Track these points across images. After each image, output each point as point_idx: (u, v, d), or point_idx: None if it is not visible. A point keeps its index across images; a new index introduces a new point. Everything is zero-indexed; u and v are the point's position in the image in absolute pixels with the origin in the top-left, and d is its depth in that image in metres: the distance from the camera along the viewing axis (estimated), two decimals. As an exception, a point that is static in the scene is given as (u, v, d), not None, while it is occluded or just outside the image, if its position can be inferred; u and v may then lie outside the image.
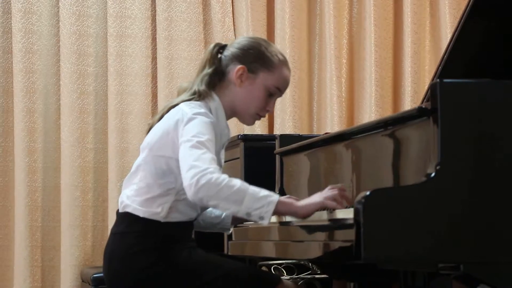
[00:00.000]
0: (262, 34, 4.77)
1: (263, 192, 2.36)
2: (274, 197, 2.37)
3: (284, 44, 4.77)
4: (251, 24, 4.75)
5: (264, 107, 2.61)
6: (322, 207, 2.43)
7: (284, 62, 2.62)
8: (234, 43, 2.65)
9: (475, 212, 2.12)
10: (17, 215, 4.56)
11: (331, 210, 2.42)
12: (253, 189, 2.36)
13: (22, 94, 4.57)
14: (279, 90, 2.61)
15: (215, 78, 2.60)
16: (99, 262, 2.64)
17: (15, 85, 4.58)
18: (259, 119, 2.65)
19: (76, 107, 4.61)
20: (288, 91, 4.73)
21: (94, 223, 4.63)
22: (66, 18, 4.62)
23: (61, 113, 4.62)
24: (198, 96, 2.57)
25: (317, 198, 2.43)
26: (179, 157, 2.43)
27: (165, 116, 2.56)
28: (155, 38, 4.73)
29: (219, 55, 2.61)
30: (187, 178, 2.35)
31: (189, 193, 2.36)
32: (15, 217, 4.57)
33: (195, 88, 2.58)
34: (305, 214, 2.42)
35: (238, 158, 3.60)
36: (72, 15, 4.63)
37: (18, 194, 4.56)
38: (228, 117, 2.62)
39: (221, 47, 2.64)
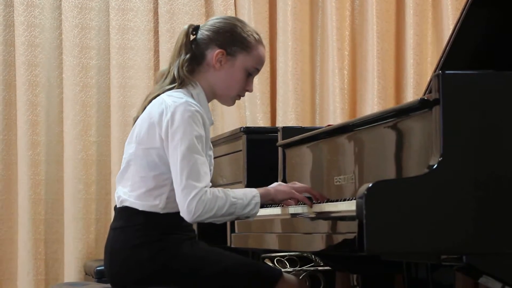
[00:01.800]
0: (264, 26, 4.77)
1: (248, 196, 2.50)
2: (257, 196, 2.51)
3: (286, 36, 4.76)
4: (253, 16, 4.74)
5: (244, 88, 2.63)
6: (291, 195, 2.58)
7: (259, 41, 2.64)
8: (208, 24, 2.64)
9: (477, 203, 2.12)
10: (20, 208, 4.56)
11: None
12: (240, 197, 2.49)
13: (24, 87, 4.57)
14: (257, 69, 2.64)
15: (193, 62, 2.60)
16: (102, 255, 2.64)
17: (18, 79, 4.59)
18: (239, 99, 2.68)
19: (78, 100, 4.61)
20: (290, 83, 4.78)
21: (97, 216, 4.64)
22: (68, 11, 4.62)
23: (63, 106, 4.63)
24: (180, 83, 2.57)
25: (285, 186, 2.59)
26: (170, 162, 2.47)
27: (148, 107, 2.56)
28: (157, 31, 4.72)
29: (196, 39, 2.61)
30: (183, 203, 2.44)
31: (186, 217, 2.46)
32: (18, 210, 4.58)
33: (175, 73, 2.58)
34: (280, 199, 2.59)
35: (240, 150, 3.60)
36: (74, 8, 4.63)
37: (21, 187, 4.56)
38: (208, 100, 2.63)
39: (194, 29, 2.63)
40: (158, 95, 2.57)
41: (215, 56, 2.58)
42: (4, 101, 4.64)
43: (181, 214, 2.45)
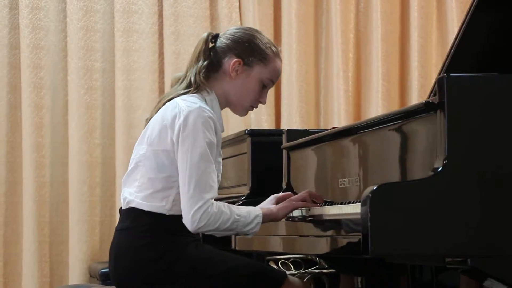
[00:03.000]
0: (269, 29, 4.77)
1: (251, 215, 2.53)
2: (260, 216, 2.54)
3: (291, 38, 4.77)
4: (257, 18, 4.75)
5: (258, 99, 2.64)
6: (293, 208, 2.60)
7: (277, 54, 2.65)
8: (228, 34, 2.65)
9: (482, 206, 2.12)
10: (25, 210, 4.57)
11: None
12: (244, 215, 2.52)
13: (29, 89, 4.58)
14: (272, 82, 2.65)
15: (210, 69, 2.61)
16: (107, 257, 2.64)
17: (23, 81, 4.59)
18: (251, 110, 2.69)
19: (83, 103, 4.62)
20: (295, 86, 4.78)
21: (102, 218, 4.64)
22: (73, 14, 4.63)
23: (68, 108, 4.63)
24: (195, 88, 2.58)
25: (285, 202, 2.62)
26: (179, 167, 2.48)
27: (161, 109, 2.57)
28: (162, 33, 4.73)
29: (214, 46, 2.62)
30: (187, 211, 2.46)
31: (189, 227, 2.48)
32: (23, 212, 4.59)
33: (191, 78, 2.60)
34: (282, 216, 2.61)
35: (245, 153, 3.60)
36: (79, 11, 4.64)
37: (26, 189, 4.57)
38: (222, 108, 2.64)
39: (214, 37, 2.64)
40: (173, 98, 2.57)
41: (232, 64, 2.59)
42: (9, 103, 4.64)
43: (184, 221, 2.47)
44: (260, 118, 4.71)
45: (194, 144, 2.45)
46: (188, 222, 2.46)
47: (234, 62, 2.59)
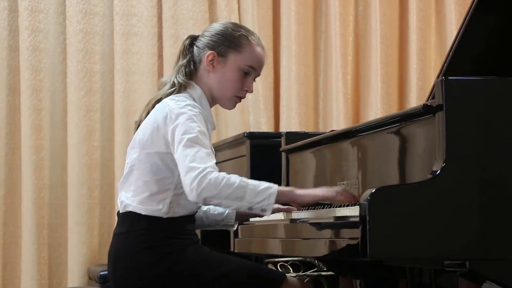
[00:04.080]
0: (268, 31, 4.78)
1: (262, 185, 2.40)
2: (274, 188, 2.40)
3: (289, 41, 4.77)
4: (257, 21, 4.75)
5: (241, 88, 2.63)
6: (322, 199, 2.49)
7: (253, 40, 2.63)
8: (205, 31, 2.68)
9: (480, 209, 2.13)
10: (24, 212, 4.57)
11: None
12: (253, 183, 2.39)
13: (29, 92, 4.58)
14: (253, 68, 2.63)
15: (191, 68, 2.63)
16: (106, 259, 2.64)
17: (22, 83, 4.60)
18: (239, 101, 2.66)
19: (82, 105, 4.62)
20: (294, 88, 4.79)
21: (101, 220, 4.64)
22: (72, 16, 4.63)
23: (67, 110, 4.63)
24: (179, 87, 2.59)
25: (319, 190, 2.49)
26: (176, 157, 2.44)
27: (151, 112, 2.58)
28: (161, 36, 4.73)
29: (193, 47, 2.64)
30: (187, 183, 2.38)
31: (192, 197, 2.39)
32: (22, 214, 4.58)
33: (174, 79, 2.61)
34: (303, 202, 2.49)
35: (244, 155, 3.61)
36: (79, 13, 4.64)
37: (25, 191, 4.57)
38: (211, 105, 2.64)
39: (194, 38, 2.67)
40: (161, 99, 2.58)
41: (206, 57, 2.61)
42: (8, 105, 4.64)
43: (187, 195, 2.40)
44: (259, 121, 4.71)
45: (186, 132, 2.44)
46: (189, 192, 2.38)
47: (208, 55, 2.61)
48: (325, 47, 4.89)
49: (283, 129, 4.71)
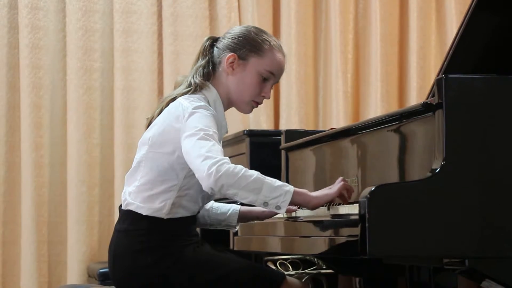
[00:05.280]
0: (267, 29, 4.75)
1: (279, 182, 2.38)
2: (290, 187, 2.38)
3: (289, 39, 4.77)
4: (257, 19, 4.75)
5: (259, 93, 2.61)
6: (333, 198, 2.45)
7: (275, 46, 2.61)
8: (226, 33, 2.66)
9: (479, 207, 2.13)
10: (24, 210, 4.57)
11: (338, 203, 2.44)
12: (269, 179, 2.37)
13: (28, 89, 4.58)
14: (273, 74, 2.60)
15: (209, 69, 2.61)
16: (105, 257, 2.64)
17: (22, 81, 4.59)
18: (256, 106, 2.64)
19: (82, 103, 4.62)
20: (294, 86, 4.79)
21: (101, 218, 4.64)
22: (72, 14, 4.63)
23: (67, 108, 4.63)
24: (195, 88, 2.58)
25: (328, 190, 2.46)
26: (185, 150, 2.42)
27: (165, 110, 2.57)
28: (161, 33, 4.73)
29: (213, 48, 2.62)
30: (204, 169, 2.33)
31: (208, 182, 2.32)
32: (21, 212, 4.58)
33: (190, 79, 2.59)
34: (317, 204, 2.44)
35: (243, 153, 3.61)
36: (78, 11, 4.64)
37: (25, 189, 4.57)
38: (226, 108, 2.63)
39: (215, 40, 2.65)
40: (175, 98, 2.57)
41: (226, 59, 2.59)
42: (8, 103, 4.64)
43: (201, 182, 2.35)
44: (259, 119, 4.71)
45: (202, 128, 2.41)
46: (206, 179, 2.32)
47: (228, 57, 2.58)
48: (325, 46, 4.89)
49: (283, 127, 4.70)
